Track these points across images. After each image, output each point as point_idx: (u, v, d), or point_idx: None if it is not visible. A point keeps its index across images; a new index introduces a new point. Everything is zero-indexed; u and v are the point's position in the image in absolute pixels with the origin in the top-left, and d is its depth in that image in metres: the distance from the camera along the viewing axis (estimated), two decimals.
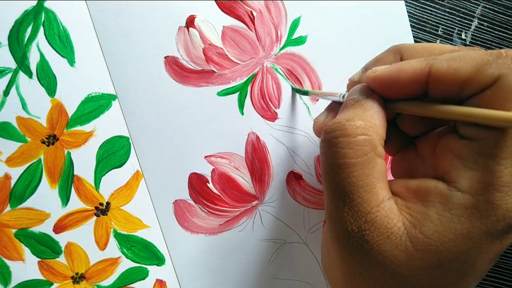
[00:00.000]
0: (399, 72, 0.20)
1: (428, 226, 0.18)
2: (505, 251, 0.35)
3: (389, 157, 0.30)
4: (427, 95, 0.20)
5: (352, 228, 0.19)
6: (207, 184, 0.31)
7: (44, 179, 0.30)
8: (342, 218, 0.20)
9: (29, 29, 0.29)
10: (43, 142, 0.29)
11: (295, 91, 0.32)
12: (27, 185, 0.29)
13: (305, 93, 0.31)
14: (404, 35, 0.33)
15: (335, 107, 0.27)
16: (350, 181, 0.19)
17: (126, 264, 0.31)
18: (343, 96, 0.24)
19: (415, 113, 0.21)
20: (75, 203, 0.30)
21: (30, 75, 0.29)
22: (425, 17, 0.34)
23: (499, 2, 0.34)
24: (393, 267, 0.19)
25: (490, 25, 0.34)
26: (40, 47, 0.29)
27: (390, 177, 0.24)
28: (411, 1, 0.33)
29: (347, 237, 0.20)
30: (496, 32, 0.35)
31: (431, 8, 0.34)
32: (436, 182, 0.19)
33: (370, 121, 0.20)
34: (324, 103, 0.32)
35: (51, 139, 0.30)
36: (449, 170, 0.19)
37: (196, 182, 0.31)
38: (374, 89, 0.21)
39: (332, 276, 0.22)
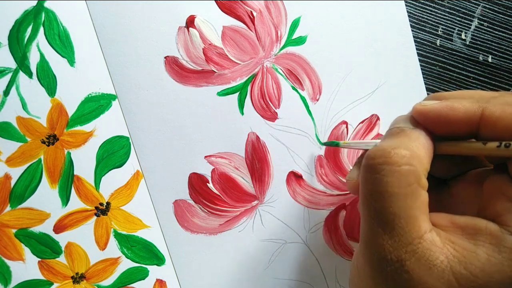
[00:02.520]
0: (450, 109, 0.20)
1: (475, 265, 0.18)
2: None
3: None
4: (477, 138, 0.20)
5: (391, 257, 0.19)
6: (207, 184, 0.31)
7: (44, 179, 0.30)
8: (381, 245, 0.19)
9: (29, 29, 0.29)
10: (43, 142, 0.29)
11: (325, 145, 0.32)
12: (27, 185, 0.29)
13: (336, 144, 0.31)
14: (404, 35, 0.33)
15: None
16: (391, 211, 0.19)
17: (126, 264, 0.31)
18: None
19: (465, 153, 0.20)
20: (75, 203, 0.30)
21: (30, 75, 0.29)
22: (425, 17, 0.34)
23: (499, 2, 0.34)
24: None
25: (490, 25, 0.34)
26: (40, 47, 0.29)
27: None
28: (411, 1, 0.33)
29: (385, 264, 0.19)
30: (496, 32, 0.35)
31: (431, 8, 0.34)
32: (487, 222, 0.19)
33: (415, 152, 0.20)
34: (324, 104, 0.32)
35: (51, 139, 0.30)
36: (502, 213, 0.19)
37: (196, 182, 0.31)
38: (420, 123, 0.21)
39: None
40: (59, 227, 0.30)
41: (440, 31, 0.34)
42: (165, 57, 0.30)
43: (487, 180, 0.21)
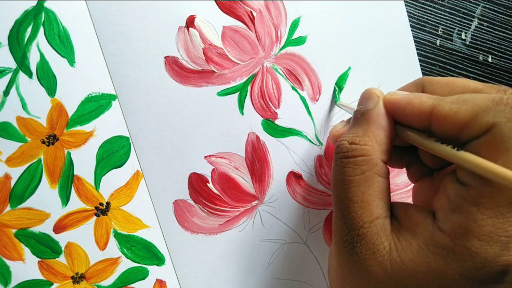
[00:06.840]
0: (407, 103, 0.21)
1: (407, 254, 0.19)
2: None
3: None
4: (431, 132, 0.21)
5: (346, 238, 0.21)
6: (207, 184, 0.31)
7: (44, 179, 0.30)
8: (340, 227, 0.22)
9: (29, 29, 0.29)
10: (43, 142, 0.29)
11: (335, 94, 0.32)
12: (27, 185, 0.29)
13: (336, 100, 0.32)
14: (404, 35, 0.33)
15: None
16: (347, 196, 0.21)
17: (126, 264, 0.31)
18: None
19: (416, 144, 0.21)
20: (75, 203, 0.30)
21: (30, 75, 0.29)
22: (425, 17, 0.34)
23: (499, 2, 0.34)
24: (374, 283, 0.20)
25: (490, 25, 0.34)
26: (40, 47, 0.29)
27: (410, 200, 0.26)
28: (411, 1, 0.33)
29: (342, 245, 0.21)
30: (496, 32, 0.35)
31: (431, 8, 0.34)
32: (425, 217, 0.20)
33: (371, 139, 0.22)
34: (324, 104, 0.32)
35: (51, 139, 0.30)
36: (439, 208, 0.20)
37: (196, 182, 0.31)
38: (389, 111, 0.22)
39: (331, 279, 0.24)
40: (59, 227, 0.30)
41: (440, 31, 0.34)
42: (165, 57, 0.30)
43: (444, 175, 0.22)
